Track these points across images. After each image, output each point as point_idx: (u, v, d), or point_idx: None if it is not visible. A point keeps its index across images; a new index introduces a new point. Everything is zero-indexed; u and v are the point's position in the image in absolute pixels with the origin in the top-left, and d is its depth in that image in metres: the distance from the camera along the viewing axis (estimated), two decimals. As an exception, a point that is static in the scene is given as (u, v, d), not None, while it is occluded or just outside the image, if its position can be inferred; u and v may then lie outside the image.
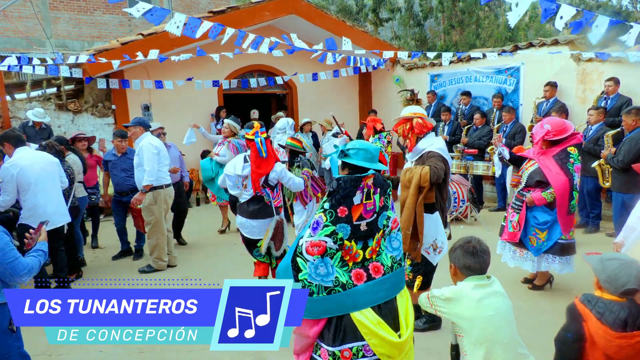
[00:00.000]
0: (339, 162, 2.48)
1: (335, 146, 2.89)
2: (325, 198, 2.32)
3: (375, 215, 2.37)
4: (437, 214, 3.46)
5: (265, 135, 3.96)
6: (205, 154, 7.50)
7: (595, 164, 5.72)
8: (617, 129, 5.62)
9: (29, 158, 4.25)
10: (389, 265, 2.43)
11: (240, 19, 8.29)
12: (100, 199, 6.46)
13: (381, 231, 2.43)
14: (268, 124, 9.93)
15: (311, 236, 2.28)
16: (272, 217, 4.07)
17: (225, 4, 13.92)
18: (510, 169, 6.29)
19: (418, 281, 3.39)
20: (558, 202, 4.05)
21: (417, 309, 3.74)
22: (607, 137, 5.58)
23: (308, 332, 2.36)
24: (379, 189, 2.37)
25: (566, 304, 2.22)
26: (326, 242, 2.26)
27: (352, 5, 16.92)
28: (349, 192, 2.27)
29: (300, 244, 2.32)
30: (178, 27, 4.12)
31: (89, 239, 6.37)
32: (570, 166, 4.04)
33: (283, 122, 7.02)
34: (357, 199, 2.29)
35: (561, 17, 3.30)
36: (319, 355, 2.37)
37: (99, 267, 5.56)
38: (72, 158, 5.24)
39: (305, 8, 9.01)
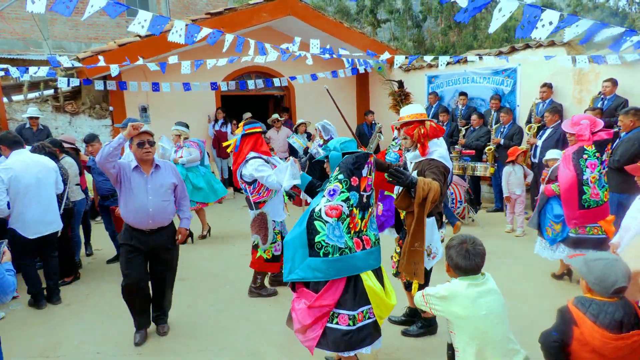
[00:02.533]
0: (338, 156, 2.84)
1: (324, 147, 3.04)
2: (337, 172, 2.71)
3: (371, 191, 2.82)
4: (432, 219, 3.35)
5: (254, 130, 4.24)
6: None
7: None
8: (615, 129, 5.64)
9: (23, 162, 4.16)
10: (374, 240, 2.88)
11: (237, 21, 8.30)
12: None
13: (371, 207, 2.87)
14: (266, 124, 9.96)
15: (329, 201, 2.65)
16: (254, 210, 4.28)
17: (222, 5, 13.95)
18: (505, 169, 6.33)
19: (415, 284, 3.36)
20: (562, 196, 4.24)
21: (415, 314, 3.75)
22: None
23: (329, 301, 2.67)
24: (374, 170, 2.87)
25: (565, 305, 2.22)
26: (342, 206, 2.64)
27: (352, 6, 16.93)
28: (360, 165, 2.72)
29: (317, 209, 2.66)
30: (180, 35, 4.20)
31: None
32: (582, 162, 4.11)
33: (323, 124, 6.30)
34: (364, 172, 2.74)
35: (550, 23, 3.10)
36: (336, 323, 2.69)
37: (96, 268, 5.53)
38: (68, 161, 5.21)
39: (302, 9, 9.02)
